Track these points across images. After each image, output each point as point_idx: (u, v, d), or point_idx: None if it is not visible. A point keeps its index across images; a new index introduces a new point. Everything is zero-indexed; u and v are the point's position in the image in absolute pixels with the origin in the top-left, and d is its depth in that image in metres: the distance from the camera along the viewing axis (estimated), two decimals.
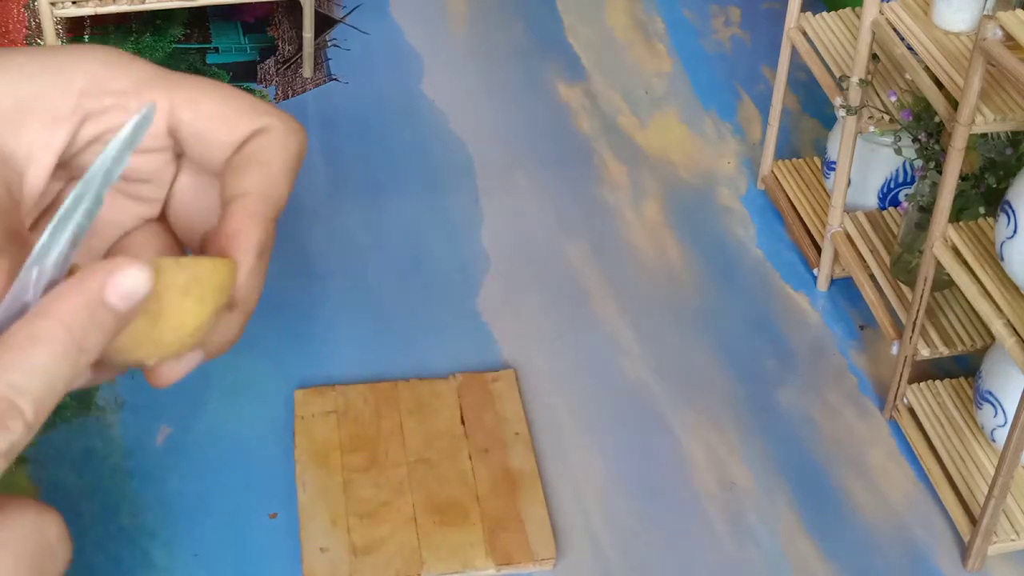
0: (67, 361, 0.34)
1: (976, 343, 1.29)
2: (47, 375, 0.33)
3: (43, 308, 0.34)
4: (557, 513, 1.27)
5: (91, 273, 0.34)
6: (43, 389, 0.33)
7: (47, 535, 0.36)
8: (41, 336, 0.33)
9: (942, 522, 1.27)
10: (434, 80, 1.82)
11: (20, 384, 0.33)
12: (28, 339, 0.33)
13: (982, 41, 1.06)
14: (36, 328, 0.33)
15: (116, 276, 0.34)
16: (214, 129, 0.39)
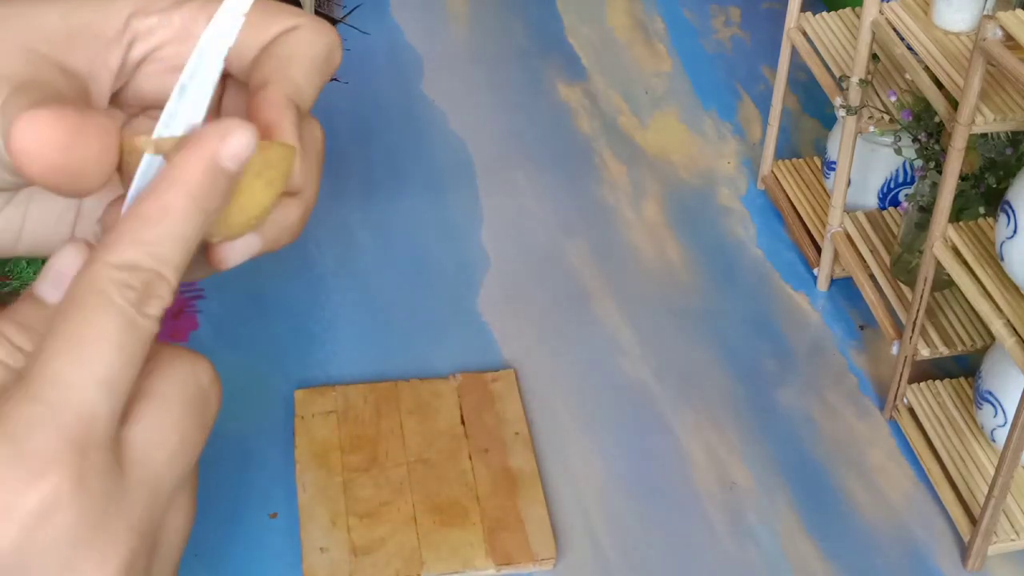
0: (194, 227, 0.36)
1: (976, 343, 1.29)
2: (181, 242, 0.35)
3: (168, 178, 0.36)
4: (557, 513, 1.27)
5: (206, 138, 0.36)
6: (180, 256, 0.36)
7: (201, 380, 0.38)
8: (171, 206, 0.35)
9: (942, 522, 1.27)
10: (434, 80, 1.83)
11: (162, 255, 0.35)
12: (160, 210, 0.35)
13: (982, 41, 1.06)
14: (166, 199, 0.35)
15: (228, 139, 0.36)
16: (244, 33, 0.40)
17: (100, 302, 0.34)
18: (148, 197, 0.36)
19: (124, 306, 0.35)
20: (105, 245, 0.35)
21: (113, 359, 0.34)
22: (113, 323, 0.34)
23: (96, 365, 0.34)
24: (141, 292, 0.35)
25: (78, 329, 0.34)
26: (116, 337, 0.34)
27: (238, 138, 0.36)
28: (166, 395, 0.37)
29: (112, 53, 0.41)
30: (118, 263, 0.35)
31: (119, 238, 0.35)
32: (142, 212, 0.36)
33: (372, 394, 1.36)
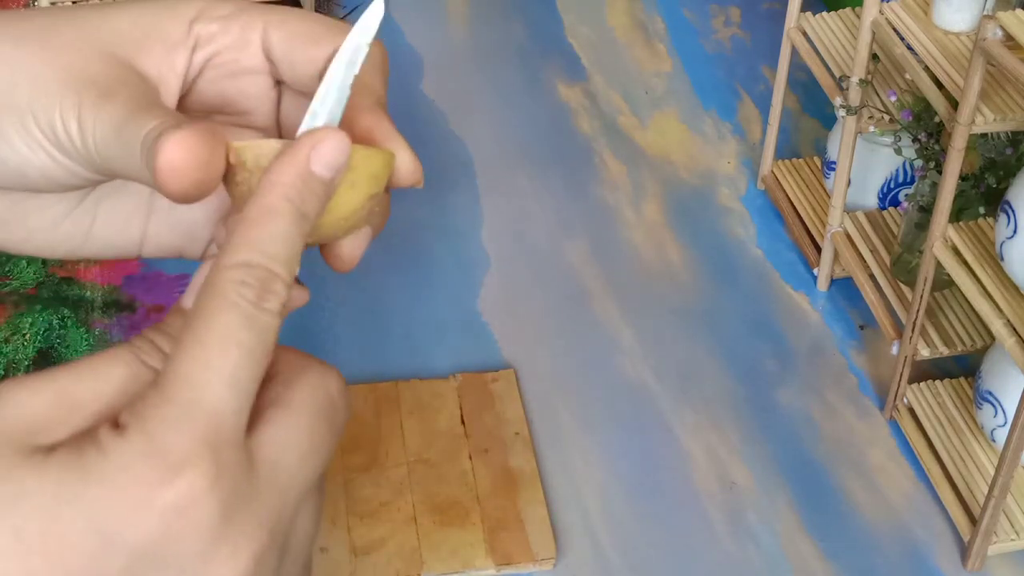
0: (297, 227, 0.38)
1: (976, 343, 1.29)
2: (285, 240, 0.38)
3: (267, 184, 0.38)
4: (557, 513, 1.27)
5: (299, 145, 0.39)
6: (288, 253, 0.38)
7: (331, 390, 0.40)
8: (272, 208, 0.38)
9: (942, 522, 1.27)
10: (434, 80, 1.83)
11: (270, 251, 0.37)
12: (264, 213, 0.38)
13: (982, 41, 1.06)
14: (266, 202, 0.38)
15: (319, 146, 0.39)
16: (300, 47, 0.43)
17: (220, 303, 0.36)
18: (251, 202, 0.38)
19: (242, 303, 0.36)
20: (220, 251, 0.38)
21: (236, 357, 0.36)
22: (234, 321, 0.36)
23: (221, 364, 0.36)
24: (257, 288, 0.37)
25: (203, 331, 0.36)
26: (237, 335, 0.36)
27: (328, 145, 0.39)
28: (297, 403, 0.38)
29: (178, 56, 0.43)
30: (231, 264, 0.37)
31: (230, 242, 0.38)
32: (247, 216, 0.38)
33: (372, 394, 1.36)
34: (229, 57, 0.44)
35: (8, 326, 1.41)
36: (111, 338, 1.43)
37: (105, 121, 0.40)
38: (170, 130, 0.38)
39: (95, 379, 0.38)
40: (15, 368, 1.37)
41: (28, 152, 0.41)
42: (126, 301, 1.47)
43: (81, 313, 1.45)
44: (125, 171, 0.40)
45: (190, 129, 0.38)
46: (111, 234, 0.46)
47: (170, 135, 0.38)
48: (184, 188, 0.38)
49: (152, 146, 0.38)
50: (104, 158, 0.40)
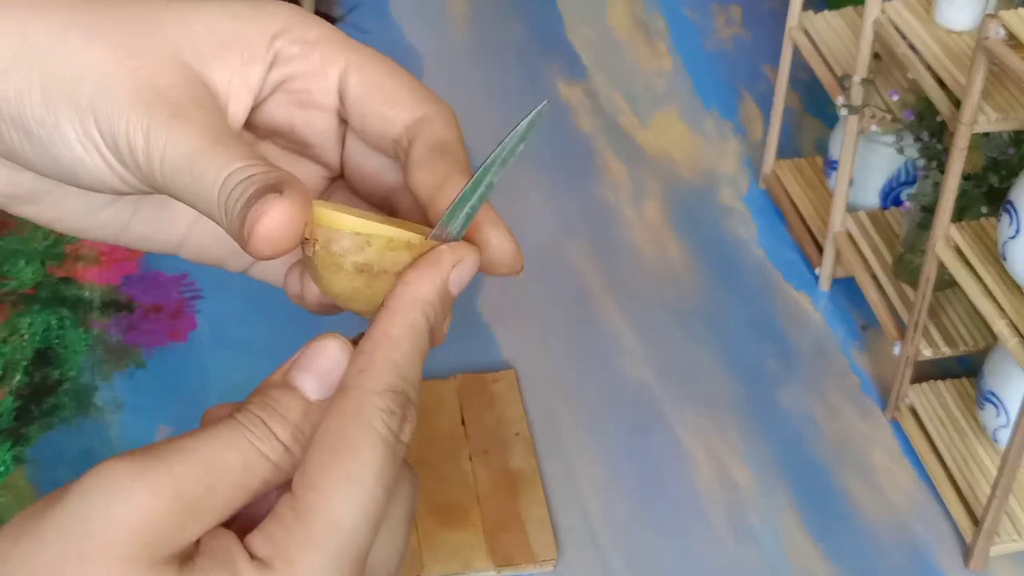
0: (427, 344, 0.37)
1: (979, 343, 1.29)
2: (421, 361, 0.37)
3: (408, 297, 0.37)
4: (557, 514, 1.26)
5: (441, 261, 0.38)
6: (419, 375, 0.37)
7: (416, 495, 0.40)
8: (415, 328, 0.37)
9: (944, 523, 1.27)
10: (434, 79, 1.82)
11: (411, 376, 0.37)
12: (407, 331, 0.37)
13: (984, 40, 1.06)
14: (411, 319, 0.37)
15: (461, 266, 0.38)
16: (376, 101, 0.42)
17: (368, 436, 0.35)
18: (391, 316, 0.37)
19: (388, 436, 0.36)
20: (364, 371, 0.36)
21: (380, 496, 0.36)
22: (381, 458, 0.36)
23: (369, 505, 0.35)
24: (400, 417, 0.36)
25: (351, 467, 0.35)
26: (383, 472, 0.36)
27: (469, 266, 0.39)
28: (394, 519, 0.38)
29: (253, 70, 0.41)
30: (380, 390, 0.36)
31: (375, 362, 0.36)
32: (390, 332, 0.37)
33: None
34: (303, 86, 0.42)
35: (6, 326, 1.41)
36: (109, 338, 1.43)
37: (178, 145, 0.38)
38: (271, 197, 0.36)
39: (209, 473, 0.35)
40: (13, 368, 1.37)
41: (83, 153, 0.39)
42: (124, 301, 1.47)
43: (80, 313, 1.44)
44: (189, 200, 0.39)
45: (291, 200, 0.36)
46: (150, 231, 0.44)
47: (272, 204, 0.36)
48: (271, 253, 0.37)
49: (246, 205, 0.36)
50: (168, 181, 0.39)
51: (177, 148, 0.38)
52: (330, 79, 0.42)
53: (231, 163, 0.38)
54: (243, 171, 0.38)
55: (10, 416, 1.33)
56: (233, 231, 0.37)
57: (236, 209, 0.37)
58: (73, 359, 1.40)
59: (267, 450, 0.36)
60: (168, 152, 0.38)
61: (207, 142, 0.38)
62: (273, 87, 0.42)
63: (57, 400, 1.35)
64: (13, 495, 1.27)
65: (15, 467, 1.29)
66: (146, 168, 0.38)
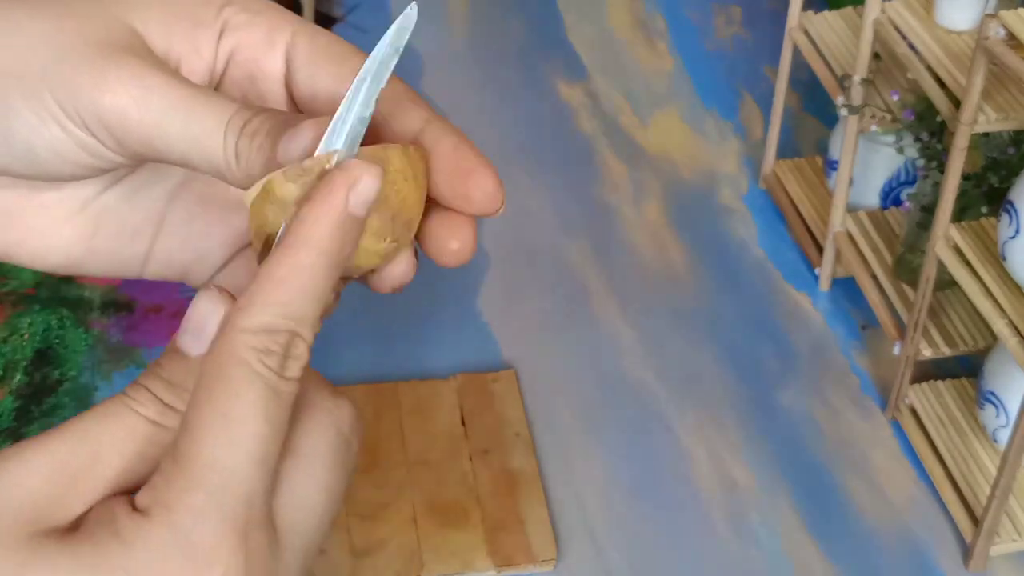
0: (327, 280, 0.36)
1: (979, 343, 1.28)
2: (315, 298, 0.35)
3: (298, 234, 0.35)
4: (558, 514, 1.26)
5: (335, 189, 0.35)
6: (313, 312, 0.35)
7: (343, 428, 0.38)
8: (302, 263, 0.35)
9: (944, 523, 1.27)
10: (434, 79, 1.82)
11: (297, 314, 0.35)
12: (294, 270, 0.35)
13: (984, 40, 1.06)
14: (297, 258, 0.35)
15: (357, 186, 0.36)
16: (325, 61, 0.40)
17: (243, 374, 0.34)
18: (279, 256, 0.35)
19: (267, 374, 0.34)
20: (239, 309, 0.35)
21: (264, 432, 0.34)
22: (259, 395, 0.34)
23: (249, 443, 0.34)
24: (280, 355, 0.35)
25: (227, 406, 0.34)
26: (264, 409, 0.34)
27: (366, 184, 0.36)
28: (310, 452, 0.37)
29: (203, 37, 0.40)
30: (255, 328, 0.35)
31: (252, 301, 0.35)
32: (273, 272, 0.35)
33: (372, 394, 1.36)
34: (251, 55, 0.41)
35: (6, 326, 1.41)
36: (109, 338, 1.43)
37: (162, 95, 0.37)
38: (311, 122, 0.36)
39: (87, 443, 0.35)
40: (13, 368, 1.37)
41: (39, 123, 0.38)
42: (124, 301, 1.47)
43: (80, 313, 1.44)
44: (180, 151, 0.37)
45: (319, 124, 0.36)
46: (115, 247, 0.43)
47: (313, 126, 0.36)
48: None
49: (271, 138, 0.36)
50: (151, 135, 0.37)
51: (161, 98, 0.37)
52: (277, 47, 0.41)
53: (228, 105, 0.37)
54: (244, 111, 0.37)
55: (10, 416, 1.33)
56: (252, 168, 0.37)
57: (254, 146, 0.36)
58: (73, 359, 1.40)
59: (150, 413, 0.36)
60: (151, 103, 0.37)
61: (193, 89, 0.37)
62: (225, 59, 0.41)
63: (57, 400, 1.35)
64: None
65: None
66: (119, 129, 0.37)
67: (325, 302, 0.36)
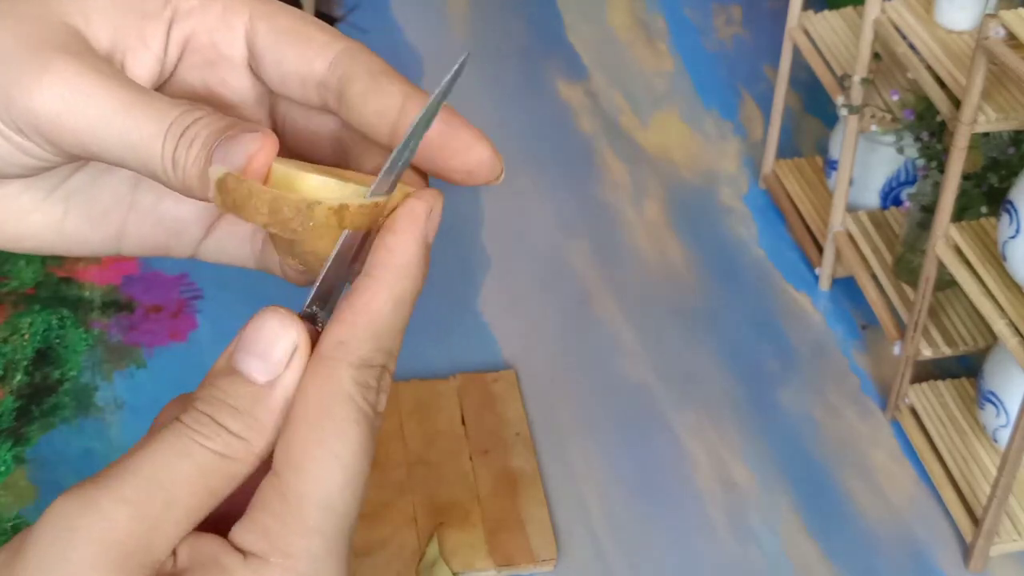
0: (411, 308, 0.36)
1: (979, 343, 1.28)
2: (403, 328, 0.36)
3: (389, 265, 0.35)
4: (558, 514, 1.26)
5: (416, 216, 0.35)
6: (400, 342, 0.35)
7: None
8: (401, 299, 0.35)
9: (944, 523, 1.27)
10: (434, 79, 1.82)
11: (391, 348, 0.35)
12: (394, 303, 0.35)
13: (984, 40, 1.06)
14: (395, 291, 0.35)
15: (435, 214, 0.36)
16: (291, 43, 0.39)
17: (350, 412, 0.34)
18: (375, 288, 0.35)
19: (369, 411, 0.34)
20: (344, 344, 0.34)
21: (365, 470, 0.34)
22: (364, 434, 0.34)
23: (357, 482, 0.34)
24: (376, 389, 0.34)
25: (338, 447, 0.33)
26: (367, 447, 0.34)
27: (440, 212, 0.36)
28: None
29: (151, 29, 0.39)
30: (359, 364, 0.34)
31: (356, 333, 0.34)
32: (375, 303, 0.35)
33: None
34: (207, 40, 0.40)
35: (7, 326, 1.41)
36: (110, 338, 1.43)
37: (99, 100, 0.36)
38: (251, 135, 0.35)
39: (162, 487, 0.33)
40: (14, 368, 1.37)
41: None
42: (125, 301, 1.47)
43: (80, 313, 1.44)
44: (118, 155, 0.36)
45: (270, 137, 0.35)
46: (86, 229, 0.42)
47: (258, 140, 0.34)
48: None
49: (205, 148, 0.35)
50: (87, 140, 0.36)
51: (97, 101, 0.36)
52: (235, 29, 0.39)
53: (168, 110, 0.36)
54: (185, 117, 0.36)
55: (11, 416, 1.33)
56: (188, 179, 0.36)
57: (191, 155, 0.35)
58: (73, 359, 1.40)
59: (219, 448, 0.34)
60: (86, 107, 0.36)
61: (133, 93, 0.36)
62: (179, 48, 0.40)
63: (57, 400, 1.35)
64: (13, 495, 1.27)
65: (16, 467, 1.29)
66: (53, 132, 0.36)
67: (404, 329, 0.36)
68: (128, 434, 1.33)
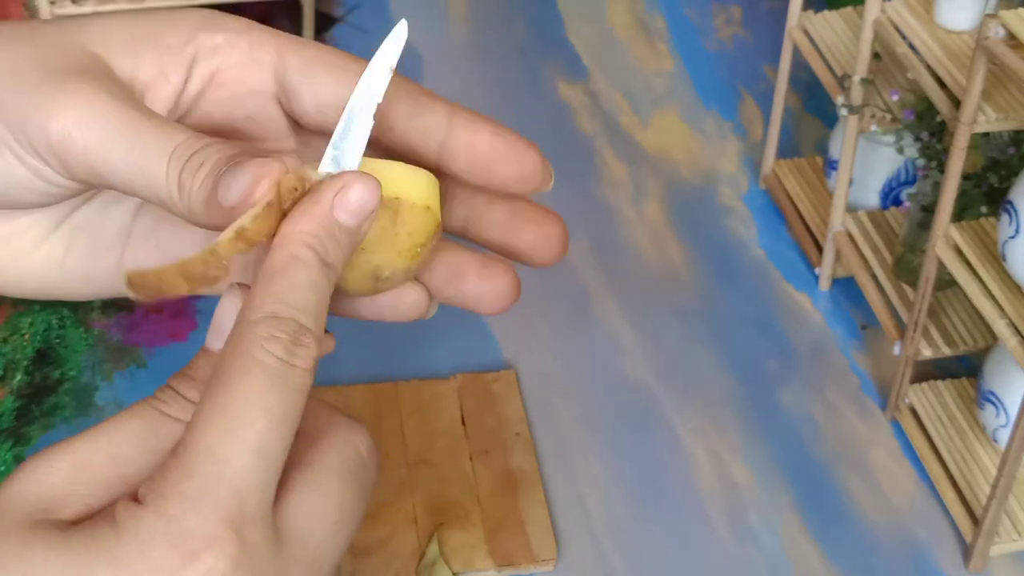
0: (322, 275, 0.36)
1: (978, 343, 1.28)
2: (311, 289, 0.35)
3: (287, 232, 0.36)
4: (558, 514, 1.26)
5: (322, 193, 0.36)
6: (314, 302, 0.35)
7: (360, 449, 0.37)
8: (294, 257, 0.35)
9: (944, 522, 1.27)
10: (434, 79, 1.82)
11: (295, 302, 0.35)
12: (288, 262, 0.35)
13: (984, 40, 1.06)
14: (288, 251, 0.35)
15: (346, 192, 0.36)
16: (322, 73, 0.40)
17: (245, 363, 0.34)
18: (271, 252, 0.36)
19: (269, 361, 0.34)
20: (244, 305, 0.35)
21: (264, 424, 0.33)
22: (261, 383, 0.34)
23: (247, 433, 0.33)
24: (286, 342, 0.34)
25: (226, 395, 0.33)
26: (265, 399, 0.33)
27: (356, 192, 0.36)
28: (325, 466, 0.36)
29: (172, 63, 0.39)
30: (256, 317, 0.34)
31: (254, 294, 0.35)
32: (269, 266, 0.35)
33: (372, 394, 1.36)
34: (235, 76, 0.40)
35: (7, 326, 1.41)
36: (110, 338, 1.43)
37: (109, 121, 0.36)
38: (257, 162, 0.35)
39: (110, 443, 0.36)
40: (14, 367, 1.37)
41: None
42: (125, 301, 1.47)
43: (80, 313, 1.44)
44: (125, 178, 0.37)
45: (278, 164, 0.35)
46: (88, 264, 0.42)
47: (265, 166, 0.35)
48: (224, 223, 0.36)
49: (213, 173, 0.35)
50: (97, 162, 0.37)
51: (106, 122, 0.36)
52: (263, 64, 0.40)
53: (176, 134, 0.36)
54: (193, 142, 0.36)
55: (11, 416, 1.33)
56: (193, 204, 0.36)
57: (198, 180, 0.36)
58: (74, 359, 1.40)
59: (173, 411, 0.36)
60: (94, 128, 0.36)
61: (142, 115, 0.37)
62: (203, 82, 0.40)
63: (58, 400, 1.35)
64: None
65: (16, 467, 1.29)
66: (64, 154, 0.37)
67: (324, 298, 0.36)
68: None
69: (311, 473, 0.36)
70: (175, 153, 0.36)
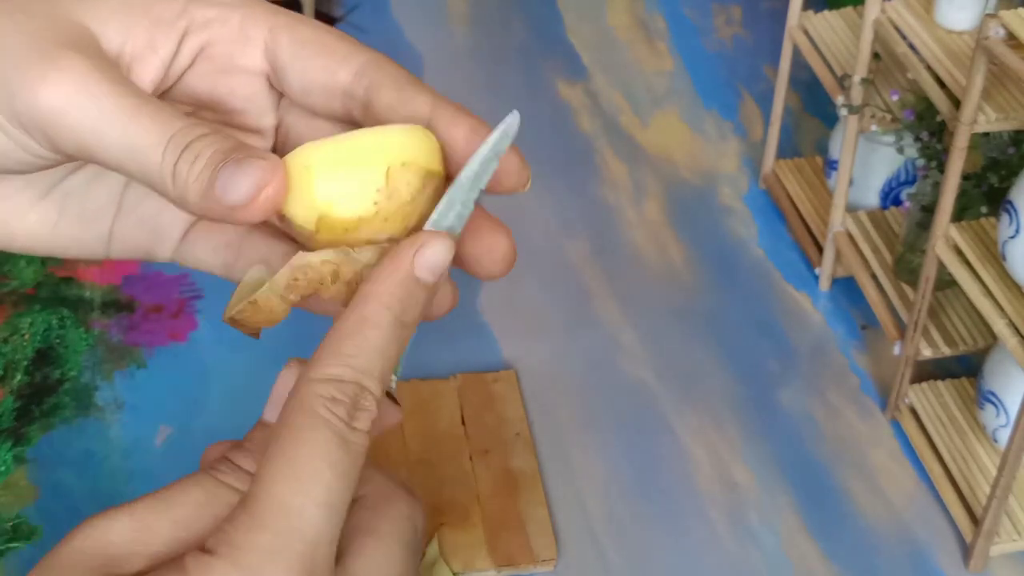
0: (394, 337, 0.37)
1: (978, 343, 1.29)
2: (380, 352, 0.36)
3: (365, 292, 0.37)
4: (558, 514, 1.26)
5: (400, 252, 0.37)
6: (380, 366, 0.36)
7: (417, 523, 0.39)
8: (369, 319, 0.36)
9: (944, 523, 1.27)
10: (434, 79, 1.82)
11: (362, 366, 0.36)
12: (358, 323, 0.36)
13: (984, 40, 1.06)
14: (364, 312, 0.36)
15: (424, 251, 0.37)
16: (314, 55, 0.40)
17: (310, 421, 0.35)
18: (347, 311, 0.36)
19: (333, 422, 0.35)
20: (310, 363, 0.36)
21: (330, 479, 0.34)
22: (326, 441, 0.35)
23: (316, 487, 0.34)
24: (348, 405, 0.35)
25: (293, 450, 0.34)
26: (330, 455, 0.35)
27: (434, 250, 0.37)
28: (386, 534, 0.37)
29: (161, 36, 0.39)
30: (320, 377, 0.35)
31: (320, 354, 0.36)
32: (340, 327, 0.36)
33: None
34: (224, 50, 0.40)
35: (7, 326, 1.41)
36: (110, 338, 1.43)
37: (99, 104, 0.36)
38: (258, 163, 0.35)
39: (169, 507, 0.36)
40: (14, 368, 1.37)
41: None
42: (125, 301, 1.47)
43: (80, 313, 1.44)
44: (115, 160, 0.37)
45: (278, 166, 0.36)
46: (78, 230, 0.42)
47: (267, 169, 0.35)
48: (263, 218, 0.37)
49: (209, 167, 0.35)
50: (85, 142, 0.36)
51: (101, 102, 0.36)
52: (254, 41, 0.40)
53: (173, 121, 0.36)
54: (189, 130, 0.36)
55: (11, 416, 1.33)
56: (188, 194, 0.36)
57: (195, 171, 0.36)
58: (74, 359, 1.40)
59: (229, 479, 0.37)
60: (89, 107, 0.36)
61: (139, 99, 0.36)
62: (192, 55, 0.40)
63: (58, 400, 1.35)
64: (14, 495, 1.27)
65: (16, 467, 1.29)
66: (53, 129, 0.36)
67: (393, 358, 0.37)
68: (128, 434, 1.33)
69: (377, 540, 0.37)
70: (172, 141, 0.36)
